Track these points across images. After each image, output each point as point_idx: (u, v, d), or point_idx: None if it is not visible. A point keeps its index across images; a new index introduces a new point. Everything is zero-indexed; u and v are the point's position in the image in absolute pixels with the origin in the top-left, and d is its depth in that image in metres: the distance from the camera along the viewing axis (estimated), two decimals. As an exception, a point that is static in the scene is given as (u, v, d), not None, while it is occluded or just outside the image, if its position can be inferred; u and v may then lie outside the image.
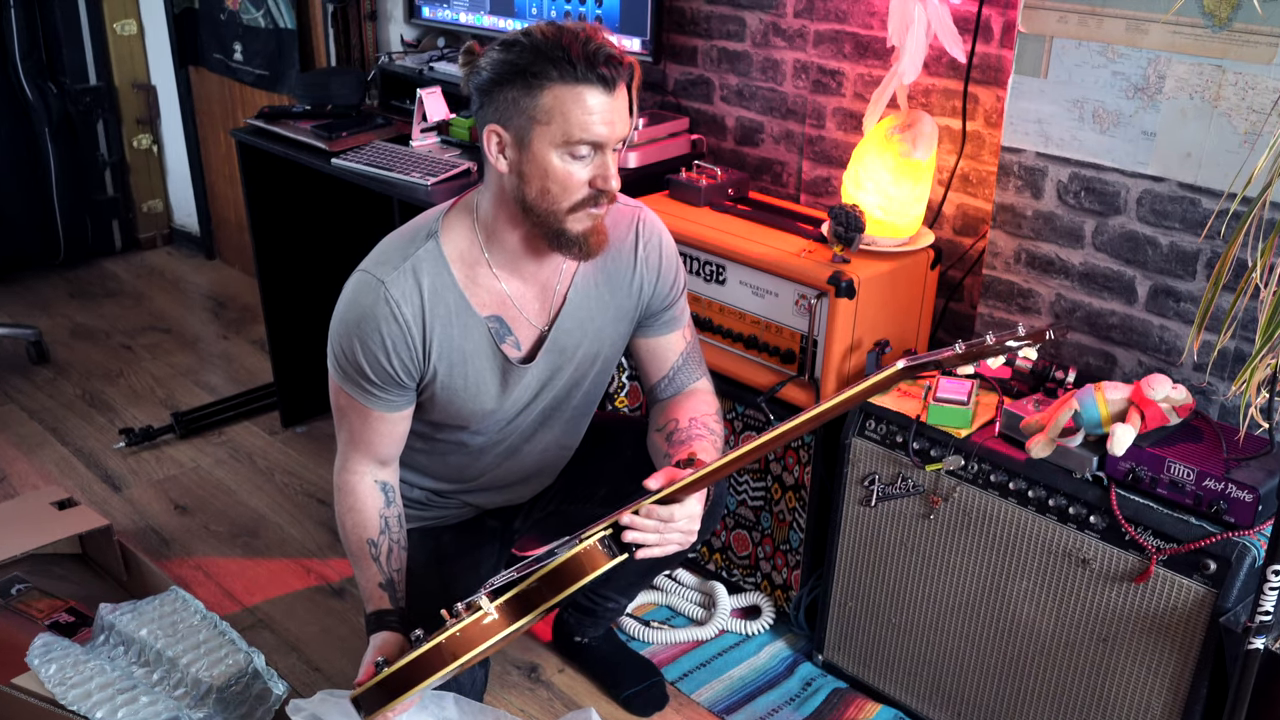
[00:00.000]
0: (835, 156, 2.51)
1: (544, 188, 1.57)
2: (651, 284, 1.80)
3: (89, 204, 4.33)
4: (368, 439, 1.73)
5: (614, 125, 1.55)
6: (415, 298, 1.64)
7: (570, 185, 1.56)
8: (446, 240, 1.67)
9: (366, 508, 1.74)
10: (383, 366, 1.65)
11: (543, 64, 1.50)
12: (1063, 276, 2.09)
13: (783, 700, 2.19)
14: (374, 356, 1.64)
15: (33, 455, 3.05)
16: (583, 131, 1.52)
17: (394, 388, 1.68)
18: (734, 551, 2.43)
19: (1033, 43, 1.99)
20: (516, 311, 1.72)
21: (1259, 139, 1.75)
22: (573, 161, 1.55)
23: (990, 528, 1.90)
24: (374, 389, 1.68)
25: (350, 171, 2.60)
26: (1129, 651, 1.78)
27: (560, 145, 1.54)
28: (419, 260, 1.65)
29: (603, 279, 1.77)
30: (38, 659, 1.98)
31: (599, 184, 1.57)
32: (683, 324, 1.89)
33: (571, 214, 1.59)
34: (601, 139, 1.54)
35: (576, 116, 1.52)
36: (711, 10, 2.64)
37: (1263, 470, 1.67)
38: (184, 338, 3.80)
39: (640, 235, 1.79)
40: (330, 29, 3.50)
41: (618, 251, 1.77)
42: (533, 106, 1.52)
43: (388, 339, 1.63)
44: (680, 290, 1.86)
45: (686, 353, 1.88)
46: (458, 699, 1.81)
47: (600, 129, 1.53)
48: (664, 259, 1.81)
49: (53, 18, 4.06)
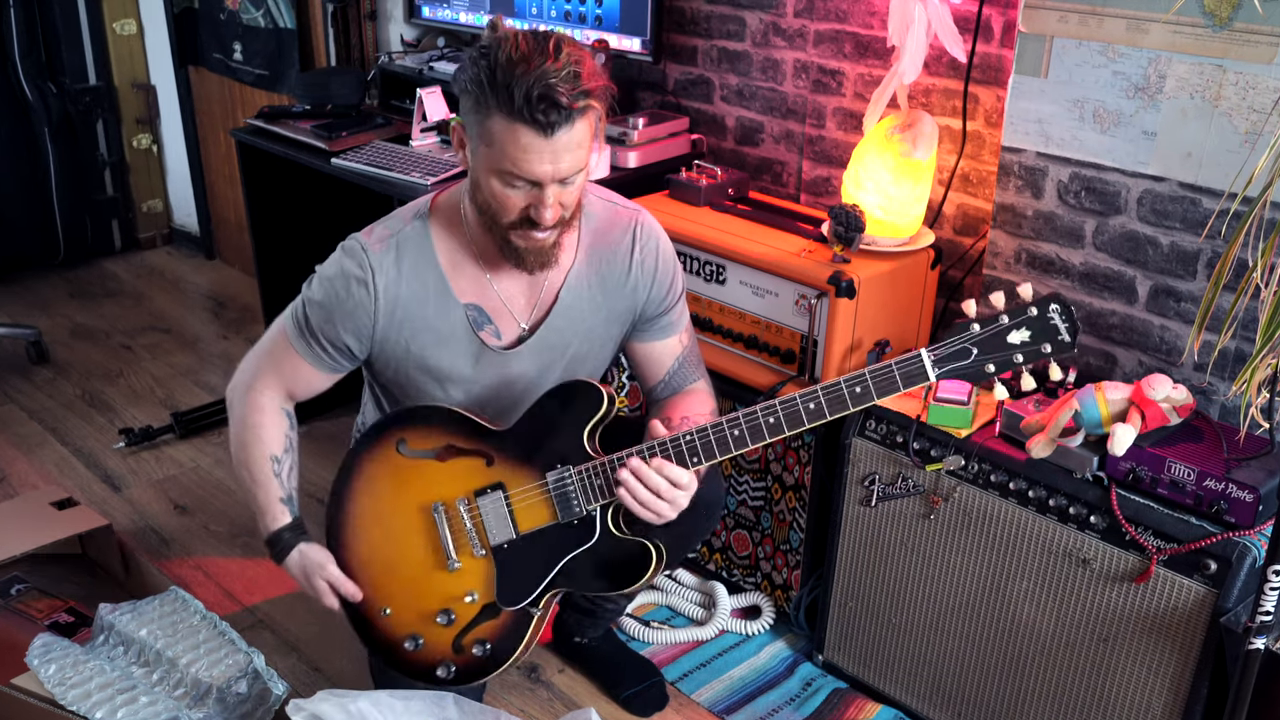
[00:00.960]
0: (835, 156, 2.50)
1: (485, 200, 1.61)
2: (647, 288, 1.81)
3: (89, 204, 4.33)
4: (287, 377, 1.78)
5: (554, 165, 1.53)
6: (393, 272, 1.68)
7: (506, 207, 1.59)
8: (435, 224, 1.71)
9: (271, 425, 1.78)
10: (336, 330, 1.70)
11: (490, 92, 1.50)
12: (1063, 276, 2.08)
13: (783, 700, 2.19)
14: (333, 318, 1.70)
15: (33, 455, 3.05)
16: (514, 166, 1.53)
17: (334, 352, 1.73)
18: (734, 551, 2.43)
19: (1033, 42, 1.99)
20: (500, 304, 1.74)
21: (1259, 139, 1.75)
22: (509, 188, 1.57)
23: (990, 528, 1.90)
24: (316, 345, 1.73)
25: (350, 171, 2.60)
26: (1129, 651, 1.78)
27: (496, 169, 1.55)
28: (405, 238, 1.70)
29: (596, 280, 1.78)
30: (37, 659, 1.98)
31: (532, 214, 1.58)
32: (680, 329, 1.89)
33: (510, 231, 1.61)
34: (535, 177, 1.54)
35: (510, 152, 1.52)
36: (711, 10, 2.64)
37: (1263, 470, 1.67)
38: (184, 338, 3.80)
39: (638, 239, 1.79)
40: (330, 29, 3.50)
41: (613, 254, 1.78)
42: (480, 125, 1.54)
43: (353, 302, 1.68)
44: (678, 295, 1.86)
45: (683, 356, 1.88)
46: (458, 699, 1.81)
47: (534, 168, 1.53)
48: (660, 263, 1.81)
49: (52, 18, 4.06)
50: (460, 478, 1.72)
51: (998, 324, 1.45)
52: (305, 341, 1.74)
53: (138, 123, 4.40)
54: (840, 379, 1.51)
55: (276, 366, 1.78)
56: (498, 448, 1.71)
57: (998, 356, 1.46)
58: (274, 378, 1.78)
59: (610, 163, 2.55)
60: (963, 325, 1.45)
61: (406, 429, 1.74)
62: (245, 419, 1.78)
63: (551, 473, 1.68)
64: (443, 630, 1.75)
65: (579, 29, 2.72)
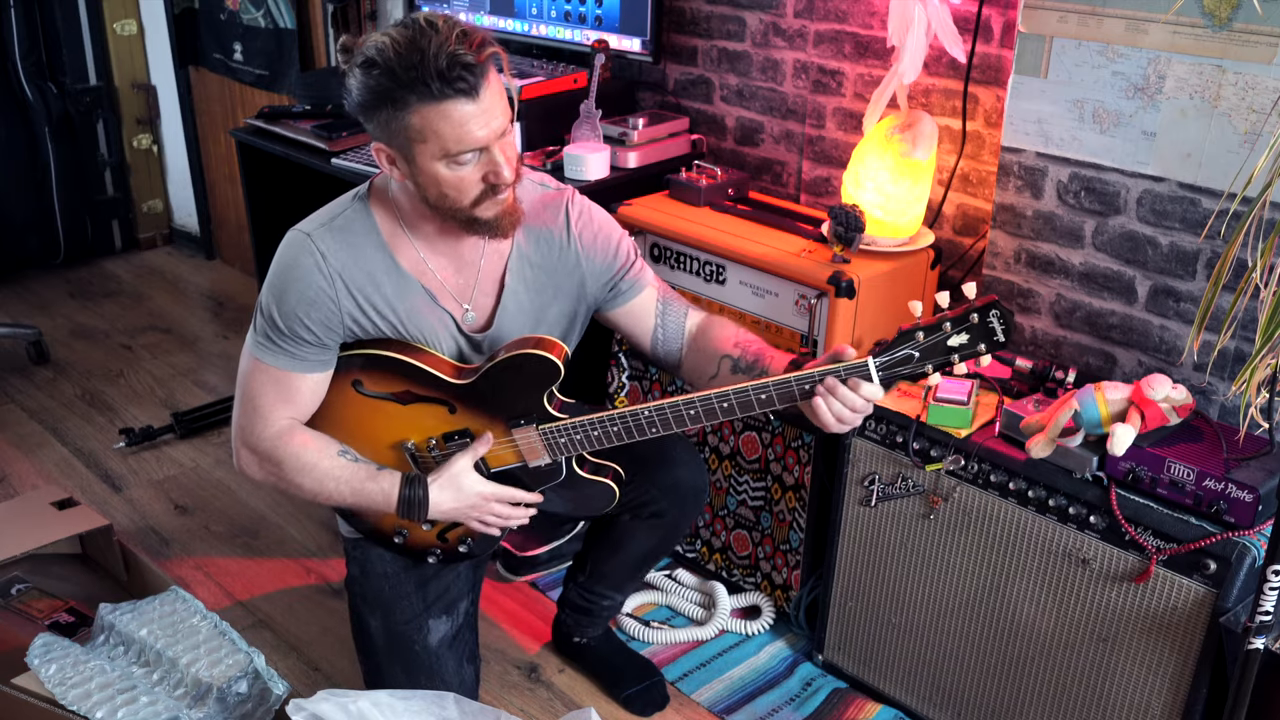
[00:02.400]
0: (835, 156, 2.51)
1: (441, 193, 1.61)
2: (593, 257, 1.82)
3: (89, 204, 4.33)
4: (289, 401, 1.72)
5: (489, 125, 1.55)
6: (342, 253, 1.68)
7: (464, 187, 1.59)
8: (375, 204, 1.72)
9: (312, 439, 1.73)
10: (303, 319, 1.66)
11: (400, 89, 1.50)
12: (1063, 276, 2.09)
13: (783, 700, 2.19)
14: (296, 307, 1.66)
15: (33, 455, 3.05)
16: (458, 144, 1.54)
17: (314, 345, 1.69)
18: (734, 551, 2.43)
19: (1033, 42, 1.99)
20: (439, 284, 1.75)
21: (1259, 139, 1.75)
22: (460, 167, 1.57)
23: (990, 528, 1.90)
24: (293, 347, 1.68)
25: (350, 171, 2.60)
26: (1129, 651, 1.78)
27: (441, 159, 1.56)
28: (347, 219, 1.71)
29: (539, 261, 1.79)
30: (38, 659, 1.98)
31: (491, 179, 1.59)
32: (647, 283, 1.88)
33: (476, 207, 1.62)
34: (480, 143, 1.55)
35: (448, 132, 1.53)
36: (711, 10, 2.64)
37: (1263, 470, 1.67)
38: (184, 338, 3.80)
39: (571, 215, 1.81)
40: (330, 29, 3.50)
41: (549, 235, 1.79)
42: (405, 128, 1.54)
43: (312, 288, 1.66)
44: (628, 256, 1.85)
45: (663, 298, 1.89)
46: (458, 699, 1.82)
47: (476, 135, 1.54)
48: (599, 231, 1.82)
49: (53, 18, 4.06)
50: (424, 422, 1.75)
51: (940, 332, 1.52)
52: (281, 351, 1.69)
53: (138, 123, 4.40)
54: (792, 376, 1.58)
55: (271, 405, 1.72)
56: (457, 398, 1.73)
57: (937, 359, 1.54)
58: (277, 413, 1.72)
59: (610, 163, 2.55)
60: (909, 333, 1.53)
61: (361, 373, 1.74)
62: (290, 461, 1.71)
63: (517, 429, 1.72)
64: (426, 529, 1.83)
65: (579, 29, 2.72)
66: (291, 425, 1.73)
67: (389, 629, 1.90)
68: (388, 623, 1.90)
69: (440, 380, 1.73)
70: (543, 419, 1.73)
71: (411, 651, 1.90)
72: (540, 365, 1.69)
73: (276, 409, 1.72)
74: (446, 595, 1.92)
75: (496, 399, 1.73)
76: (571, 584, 2.18)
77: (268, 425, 1.72)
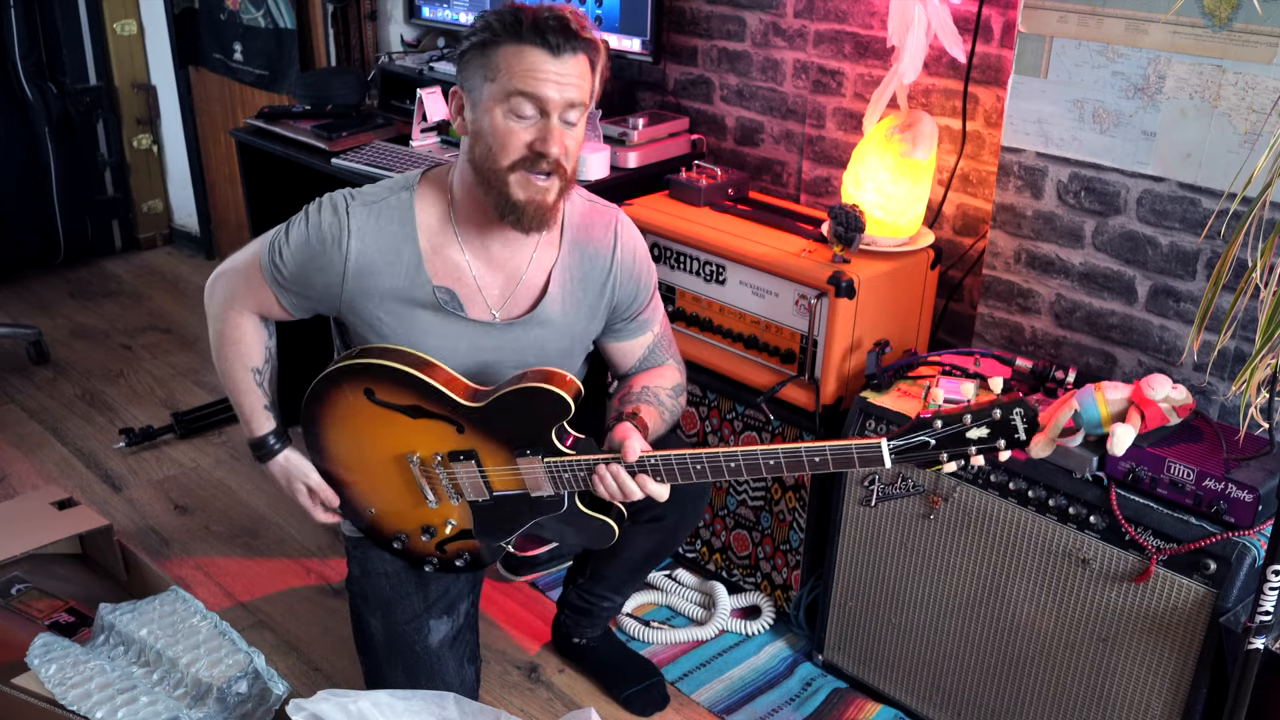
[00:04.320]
0: (835, 156, 2.50)
1: (489, 146, 1.62)
2: (623, 286, 1.83)
3: (89, 204, 4.33)
4: (263, 306, 1.81)
5: (559, 88, 1.58)
6: (371, 238, 1.70)
7: (510, 143, 1.61)
8: (421, 200, 1.73)
9: (249, 338, 1.82)
10: (305, 279, 1.73)
11: (497, 29, 1.59)
12: (1063, 276, 2.08)
13: (783, 700, 2.19)
14: (303, 266, 1.73)
15: (33, 455, 3.05)
16: (522, 84, 1.57)
17: (303, 300, 1.77)
18: (734, 551, 2.43)
19: (1033, 42, 1.99)
20: (474, 290, 1.75)
21: (1259, 139, 1.75)
22: (515, 120, 1.60)
23: (990, 528, 1.90)
24: (286, 286, 1.76)
25: (350, 171, 2.60)
26: (1129, 651, 1.78)
27: (503, 100, 1.59)
28: (389, 207, 1.72)
29: (579, 275, 1.80)
30: (38, 659, 1.98)
31: (538, 146, 1.60)
32: (654, 325, 1.92)
33: (511, 174, 1.62)
34: (541, 96, 1.58)
35: (518, 70, 1.57)
36: (711, 10, 2.64)
37: (1263, 470, 1.67)
38: (184, 338, 3.80)
39: (619, 237, 1.82)
40: (330, 29, 3.50)
41: (595, 251, 1.80)
42: (485, 65, 1.60)
43: (323, 258, 1.71)
44: (650, 294, 1.89)
45: (653, 345, 1.92)
46: (458, 699, 1.82)
47: (541, 87, 1.58)
48: (638, 262, 1.85)
49: (53, 18, 4.05)
50: (432, 437, 1.75)
51: (960, 424, 1.47)
52: (277, 283, 1.76)
53: (138, 123, 4.40)
54: (802, 446, 1.57)
55: (251, 292, 1.80)
56: (466, 419, 1.73)
57: (953, 450, 1.49)
58: (250, 301, 1.81)
59: (610, 163, 2.55)
60: (926, 420, 1.49)
61: (375, 381, 1.75)
62: (224, 334, 1.82)
63: (522, 458, 1.71)
64: (425, 540, 1.85)
65: (579, 29, 2.72)
66: (244, 317, 1.82)
67: (390, 629, 1.90)
68: (388, 623, 1.90)
69: (452, 400, 1.72)
70: (549, 452, 1.70)
71: (412, 652, 1.90)
72: (551, 399, 1.67)
73: (245, 297, 1.81)
74: (447, 595, 1.92)
75: (505, 426, 1.71)
76: (571, 585, 2.18)
77: (230, 297, 1.82)
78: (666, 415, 1.83)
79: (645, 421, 1.72)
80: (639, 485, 1.64)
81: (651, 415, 1.77)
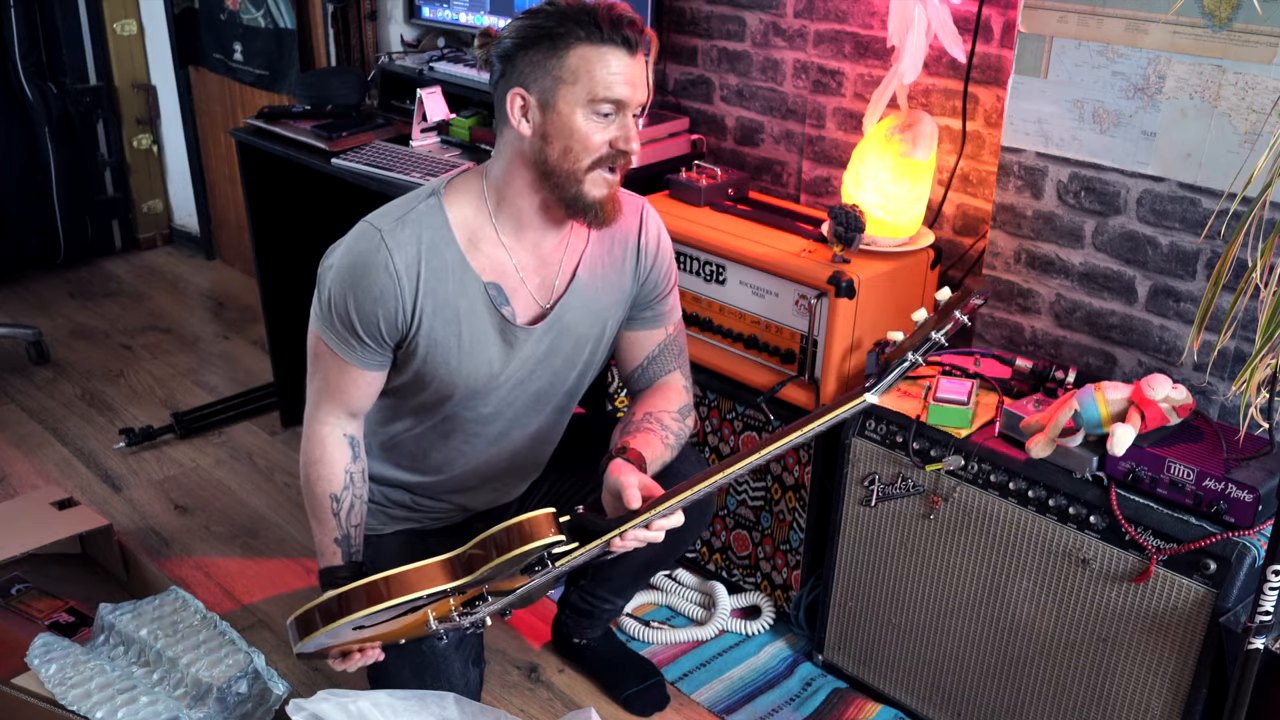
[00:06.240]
0: (835, 156, 2.51)
1: (567, 147, 1.61)
2: (646, 272, 1.84)
3: (89, 204, 4.33)
4: (342, 390, 1.74)
5: (636, 87, 1.60)
6: (411, 249, 1.66)
7: (591, 145, 1.61)
8: (450, 203, 1.70)
9: (333, 461, 1.75)
10: (368, 317, 1.66)
11: (569, 25, 1.56)
12: (1063, 276, 2.09)
13: (783, 700, 2.19)
14: (361, 306, 1.66)
15: (33, 455, 3.05)
16: (607, 90, 1.57)
17: (373, 344, 1.69)
18: (734, 551, 2.43)
19: (1033, 42, 1.99)
20: (518, 282, 1.74)
21: (1259, 139, 1.75)
22: (596, 120, 1.60)
23: (990, 528, 1.90)
24: (354, 340, 1.69)
25: (350, 171, 2.60)
26: (1129, 651, 1.78)
27: (585, 104, 1.58)
28: (420, 215, 1.68)
29: (608, 260, 1.80)
30: (38, 659, 1.98)
31: (620, 144, 1.62)
32: (671, 321, 1.91)
33: (589, 174, 1.62)
34: (624, 99, 1.59)
35: (601, 75, 1.57)
36: (711, 10, 2.64)
37: (1263, 470, 1.67)
38: (184, 338, 3.80)
39: (645, 223, 1.83)
40: (330, 29, 3.50)
41: (625, 237, 1.81)
42: (558, 67, 1.57)
43: (377, 287, 1.64)
44: (671, 284, 1.89)
45: (664, 344, 1.90)
46: (458, 699, 1.82)
47: (623, 89, 1.58)
48: (662, 248, 1.86)
49: (53, 18, 4.06)
50: (443, 607, 1.64)
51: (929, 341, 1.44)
52: (342, 340, 1.69)
53: (138, 123, 4.40)
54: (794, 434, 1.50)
55: (327, 385, 1.74)
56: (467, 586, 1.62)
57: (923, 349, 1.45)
58: (328, 400, 1.75)
59: (610, 163, 2.55)
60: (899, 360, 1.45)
61: (364, 620, 1.61)
62: (308, 453, 1.76)
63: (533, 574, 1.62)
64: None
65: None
66: (326, 428, 1.75)
67: None
68: None
69: (442, 591, 1.60)
70: (556, 559, 1.60)
71: (420, 653, 1.89)
72: (537, 551, 1.55)
73: (324, 396, 1.75)
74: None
75: (506, 574, 1.62)
76: (573, 587, 2.18)
77: (314, 407, 1.76)
78: (671, 440, 1.80)
79: (639, 452, 1.68)
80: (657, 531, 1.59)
81: (653, 444, 1.74)
